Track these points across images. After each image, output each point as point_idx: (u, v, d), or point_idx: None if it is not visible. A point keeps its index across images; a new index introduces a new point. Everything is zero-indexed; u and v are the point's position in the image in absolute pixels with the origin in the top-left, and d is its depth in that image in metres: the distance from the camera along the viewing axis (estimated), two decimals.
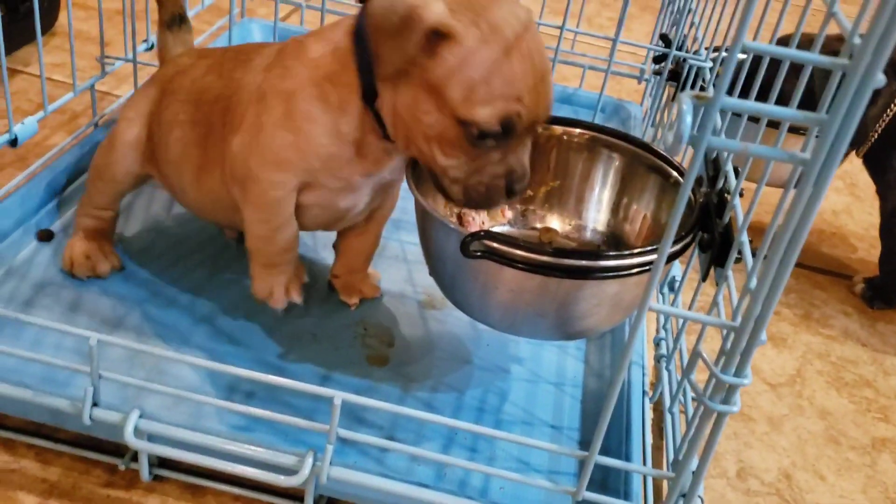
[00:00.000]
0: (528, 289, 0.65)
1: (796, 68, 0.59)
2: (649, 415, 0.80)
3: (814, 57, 0.45)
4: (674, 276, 0.88)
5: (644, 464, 0.72)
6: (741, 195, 0.67)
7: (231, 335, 0.80)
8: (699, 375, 0.85)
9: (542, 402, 0.79)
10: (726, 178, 0.70)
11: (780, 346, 0.96)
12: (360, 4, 0.70)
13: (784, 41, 0.91)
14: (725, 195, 0.69)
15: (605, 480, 0.70)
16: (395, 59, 0.62)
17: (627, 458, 0.70)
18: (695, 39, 1.01)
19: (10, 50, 1.20)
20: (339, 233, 0.84)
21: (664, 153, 0.77)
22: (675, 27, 1.11)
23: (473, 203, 0.68)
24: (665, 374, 0.78)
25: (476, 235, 0.64)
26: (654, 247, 0.65)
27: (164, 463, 0.69)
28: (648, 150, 0.77)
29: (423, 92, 0.63)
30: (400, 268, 0.93)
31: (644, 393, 0.79)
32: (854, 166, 1.36)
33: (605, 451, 0.72)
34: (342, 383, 0.77)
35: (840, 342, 0.98)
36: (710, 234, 0.67)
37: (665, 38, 1.08)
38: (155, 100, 0.80)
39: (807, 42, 0.82)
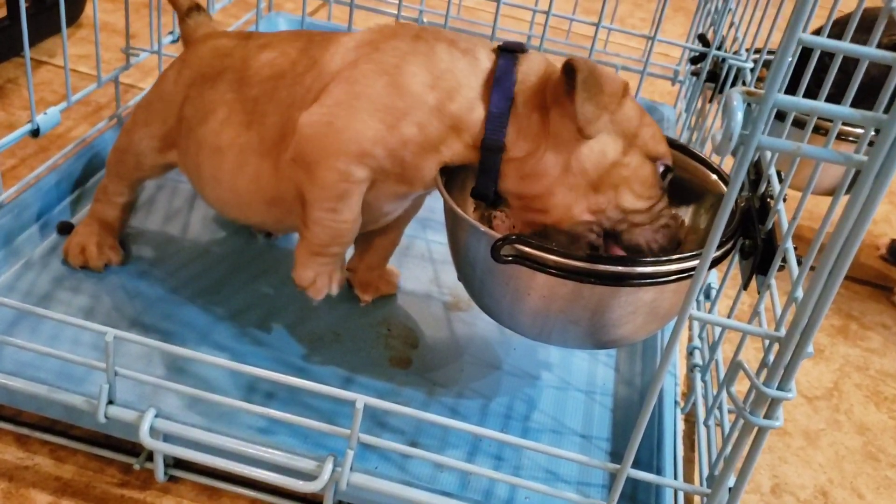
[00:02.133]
0: (561, 295, 0.63)
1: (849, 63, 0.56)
2: (681, 426, 0.77)
3: (870, 51, 0.43)
4: (710, 284, 0.85)
5: (675, 477, 0.69)
6: (784, 200, 0.64)
7: (252, 334, 0.78)
8: (738, 387, 0.82)
9: (572, 410, 0.76)
10: (769, 182, 0.68)
11: (816, 358, 0.93)
12: (503, 52, 0.68)
13: (840, 24, 0.87)
14: (768, 200, 0.67)
15: (635, 493, 0.68)
16: (605, 118, 0.64)
17: (659, 471, 0.68)
18: (734, 40, 0.98)
19: (36, 41, 1.20)
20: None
21: (703, 156, 0.74)
22: (712, 27, 1.08)
23: (657, 246, 0.66)
24: (699, 384, 0.75)
25: (507, 239, 0.61)
26: (693, 253, 0.62)
27: (179, 463, 0.67)
28: (687, 152, 0.74)
29: (613, 140, 0.65)
30: (426, 268, 0.91)
31: (676, 403, 0.76)
32: None
33: (635, 464, 0.69)
34: (364, 385, 0.75)
35: (879, 355, 0.95)
36: (752, 241, 0.64)
37: (703, 38, 1.05)
38: (189, 82, 0.77)
39: (866, 25, 0.78)
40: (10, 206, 0.83)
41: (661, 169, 0.67)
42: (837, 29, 0.75)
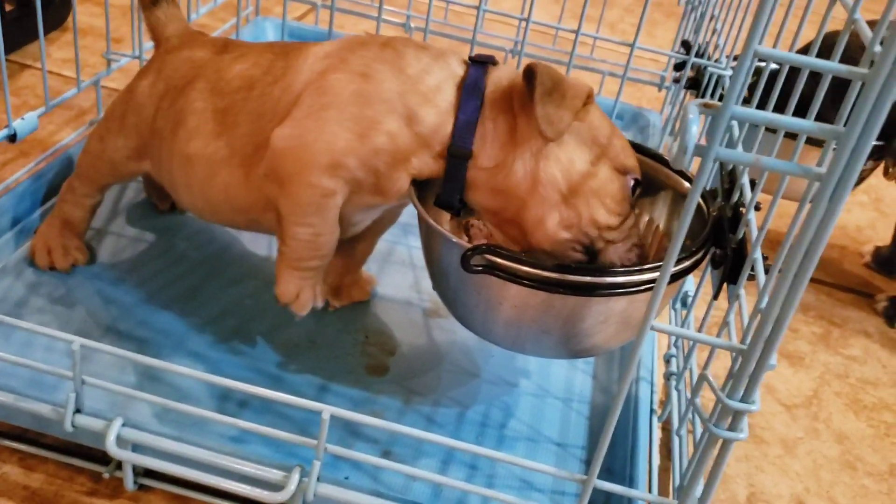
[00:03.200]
0: (532, 305, 0.63)
1: (817, 78, 0.56)
2: (657, 434, 0.77)
3: (831, 65, 0.43)
4: (686, 292, 0.85)
5: (650, 487, 0.69)
6: (757, 209, 0.64)
7: (227, 341, 0.78)
8: (708, 398, 0.82)
9: (549, 418, 0.76)
10: (741, 191, 0.67)
11: (797, 366, 0.93)
12: (473, 63, 0.68)
13: (806, 50, 0.87)
14: (740, 209, 0.66)
15: (608, 503, 0.68)
16: (567, 119, 0.62)
17: (632, 481, 0.67)
18: (717, 47, 0.98)
19: (22, 44, 1.19)
20: None
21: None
22: (696, 33, 1.08)
23: (628, 262, 0.65)
24: (674, 393, 0.75)
25: (477, 249, 0.61)
26: (660, 263, 0.62)
27: (149, 472, 0.66)
28: (662, 161, 0.74)
29: (580, 148, 0.64)
30: (406, 274, 0.91)
31: (652, 411, 0.76)
32: (880, 181, 1.32)
33: (609, 472, 0.69)
34: (340, 394, 0.74)
35: (860, 363, 0.95)
36: (723, 250, 0.64)
37: (686, 45, 1.05)
38: (161, 94, 0.76)
39: (829, 47, 0.78)
40: None
41: (631, 183, 0.66)
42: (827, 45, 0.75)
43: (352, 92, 0.66)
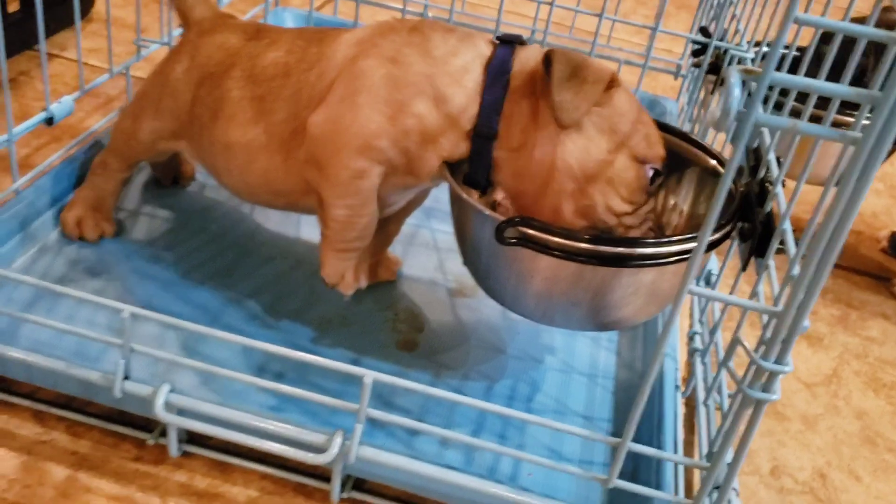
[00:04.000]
0: (564, 277, 0.64)
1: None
2: (681, 409, 0.78)
3: (867, 30, 0.44)
4: (710, 270, 0.87)
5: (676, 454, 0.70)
6: (783, 186, 0.66)
7: (262, 317, 0.80)
8: (738, 364, 0.84)
9: (574, 392, 0.78)
10: (768, 167, 0.69)
11: (816, 346, 0.94)
12: (501, 43, 0.69)
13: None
14: (766, 185, 0.68)
15: (636, 471, 0.69)
16: (585, 106, 0.63)
17: (659, 449, 0.69)
18: (736, 32, 0.99)
19: (47, 34, 1.21)
20: None
21: (704, 143, 0.75)
22: (714, 21, 1.09)
23: None
24: (699, 367, 0.76)
25: (511, 222, 0.63)
26: (693, 234, 0.64)
27: (192, 439, 0.68)
28: (687, 139, 0.76)
29: (599, 136, 0.65)
30: (430, 256, 0.93)
31: (676, 387, 0.77)
32: (895, 168, 1.34)
33: (636, 441, 0.71)
34: (372, 367, 0.75)
35: (878, 343, 0.96)
36: (751, 224, 0.65)
37: (705, 31, 1.07)
38: (198, 82, 0.78)
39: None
40: (25, 192, 0.85)
41: (650, 173, 0.67)
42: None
43: (382, 76, 0.68)
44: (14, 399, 0.70)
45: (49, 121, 0.86)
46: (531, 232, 0.62)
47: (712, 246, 0.66)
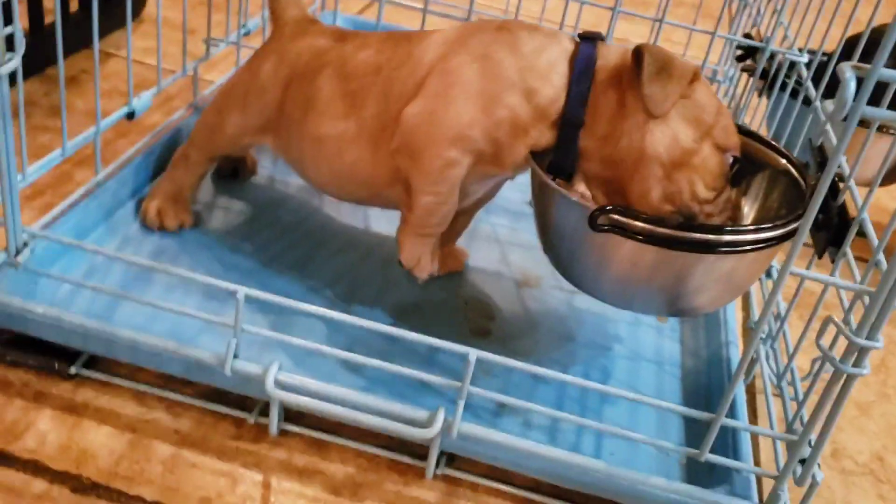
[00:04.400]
0: (648, 263, 0.68)
1: None
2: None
3: None
4: (772, 265, 0.90)
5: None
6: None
7: (340, 305, 0.83)
8: (806, 349, 0.87)
9: (644, 379, 0.81)
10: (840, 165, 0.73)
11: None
12: (581, 40, 0.73)
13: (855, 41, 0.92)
14: (836, 180, 0.71)
15: (713, 450, 0.72)
16: (673, 98, 0.67)
17: (734, 434, 0.72)
18: (784, 38, 1.03)
19: (102, 34, 1.25)
20: None
21: (774, 143, 0.78)
22: (755, 27, 1.13)
23: None
24: (765, 353, 0.80)
25: (603, 210, 0.66)
26: (773, 224, 0.67)
27: (288, 418, 0.71)
28: (761, 141, 0.78)
29: (685, 126, 0.68)
30: (493, 249, 0.96)
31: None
32: None
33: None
34: (450, 353, 0.79)
35: None
36: (826, 215, 0.69)
37: (749, 37, 1.11)
38: (287, 80, 0.82)
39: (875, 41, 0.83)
40: (108, 184, 0.88)
41: (730, 160, 0.71)
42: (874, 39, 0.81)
43: (475, 71, 0.71)
44: (116, 380, 0.72)
45: (130, 115, 0.89)
46: (623, 219, 0.66)
47: (789, 236, 0.69)
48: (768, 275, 0.90)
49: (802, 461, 0.62)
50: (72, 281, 0.72)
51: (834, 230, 0.68)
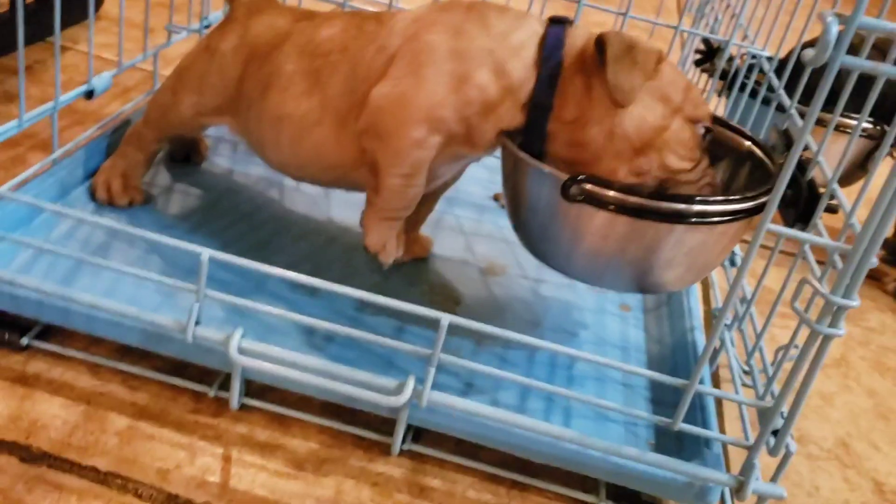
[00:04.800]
0: (621, 234, 0.67)
1: None
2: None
3: None
4: (734, 252, 0.91)
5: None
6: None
7: (303, 287, 0.81)
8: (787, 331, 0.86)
9: None
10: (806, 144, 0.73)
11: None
12: (552, 23, 0.73)
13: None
14: (803, 159, 0.72)
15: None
16: (637, 86, 0.67)
17: (703, 411, 0.72)
18: (744, 37, 1.05)
19: (43, 35, 1.22)
20: None
21: (739, 127, 0.79)
22: (712, 34, 1.15)
23: None
24: (730, 339, 0.80)
25: (576, 179, 0.66)
26: (743, 196, 0.67)
27: (249, 392, 0.69)
28: (723, 124, 0.79)
29: (653, 104, 0.68)
30: (458, 238, 0.95)
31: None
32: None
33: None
34: (416, 334, 0.78)
35: (878, 333, 1.01)
36: (795, 190, 0.70)
37: (707, 42, 1.13)
38: (246, 59, 0.80)
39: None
40: (63, 162, 0.85)
41: (702, 130, 0.72)
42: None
43: (446, 50, 0.71)
44: (70, 352, 0.70)
45: (89, 94, 0.87)
46: (595, 189, 0.65)
47: (756, 211, 0.69)
48: (732, 263, 0.90)
49: (775, 433, 0.62)
50: (30, 244, 0.68)
51: (803, 204, 0.69)
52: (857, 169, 1.10)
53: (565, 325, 0.84)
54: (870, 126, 1.05)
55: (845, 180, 1.09)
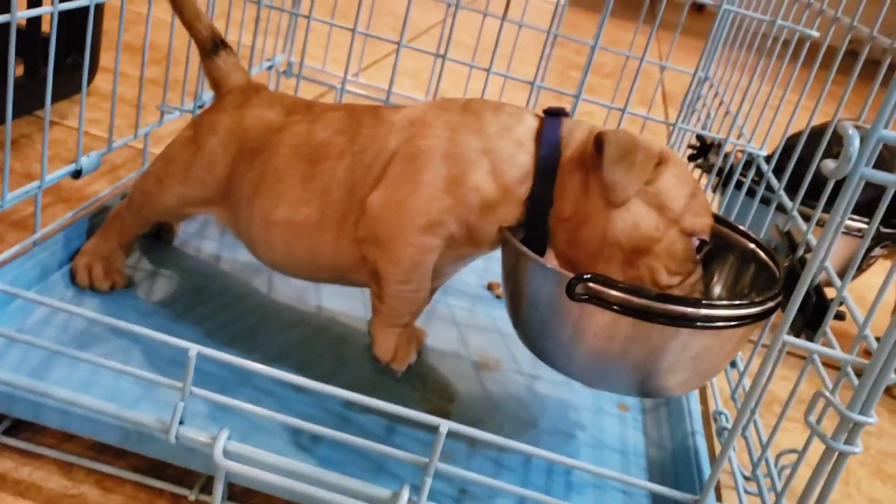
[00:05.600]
0: (625, 335, 0.65)
1: None
2: None
3: None
4: (736, 359, 0.89)
5: None
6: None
7: (290, 382, 0.77)
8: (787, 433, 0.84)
9: (610, 468, 0.76)
10: (806, 248, 0.72)
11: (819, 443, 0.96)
12: (547, 115, 0.72)
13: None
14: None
15: None
16: (635, 186, 0.66)
17: None
18: (740, 135, 1.05)
19: (34, 108, 1.20)
20: None
21: (741, 227, 0.77)
22: (704, 130, 1.15)
23: None
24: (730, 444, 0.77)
25: (581, 278, 0.64)
26: (751, 301, 0.65)
27: (232, 497, 0.65)
28: (725, 224, 0.78)
29: (647, 212, 0.67)
30: (451, 329, 0.92)
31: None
32: None
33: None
34: (407, 435, 0.75)
35: (876, 437, 0.99)
36: (803, 297, 0.68)
37: (701, 139, 1.13)
38: (235, 155, 0.78)
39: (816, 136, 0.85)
40: (45, 243, 0.82)
41: (697, 243, 0.69)
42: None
43: (441, 156, 0.70)
44: (40, 450, 0.66)
45: (77, 173, 0.85)
46: (601, 288, 0.63)
47: (766, 315, 0.67)
48: (733, 365, 0.88)
49: None
50: (2, 334, 0.65)
51: (811, 310, 0.67)
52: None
53: (562, 426, 0.81)
54: (864, 227, 1.04)
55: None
